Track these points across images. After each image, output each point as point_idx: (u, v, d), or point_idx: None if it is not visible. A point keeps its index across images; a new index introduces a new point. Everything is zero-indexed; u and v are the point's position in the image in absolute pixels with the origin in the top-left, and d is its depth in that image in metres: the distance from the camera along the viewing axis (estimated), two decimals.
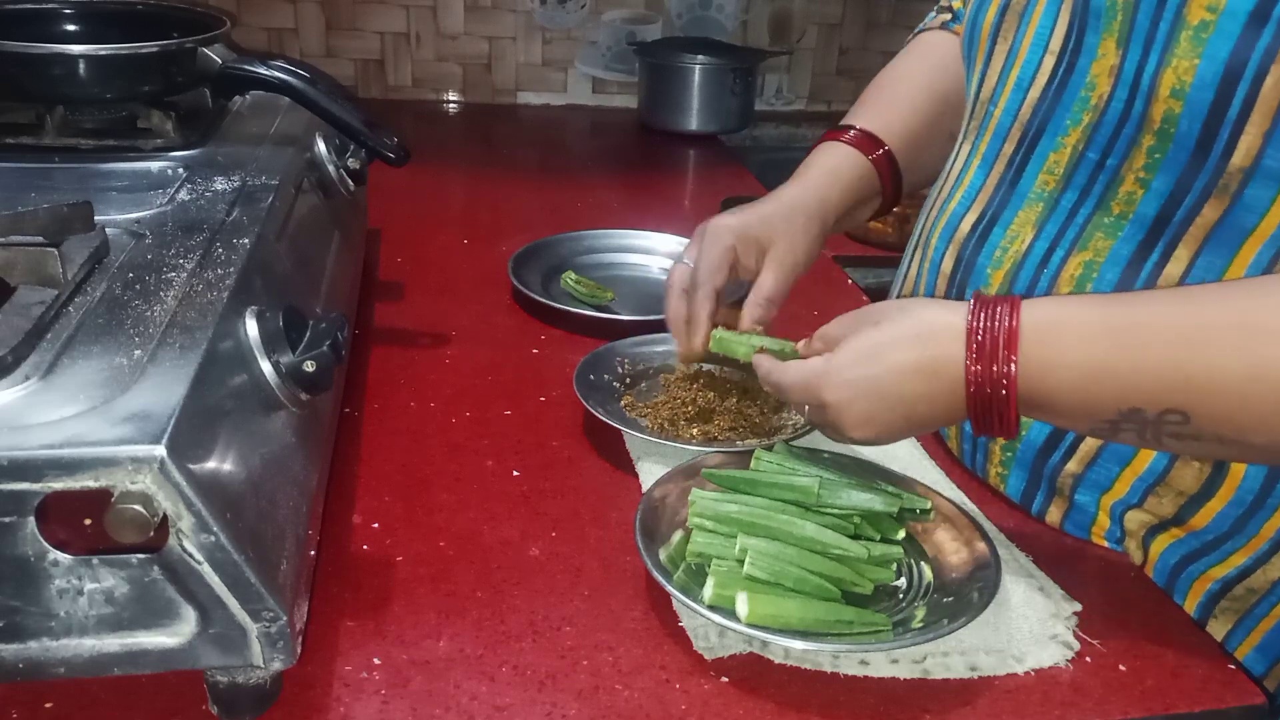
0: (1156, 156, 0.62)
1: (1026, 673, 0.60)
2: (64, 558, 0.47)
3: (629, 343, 0.91)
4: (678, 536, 0.66)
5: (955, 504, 0.70)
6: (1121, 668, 0.61)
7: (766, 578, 0.61)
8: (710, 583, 0.61)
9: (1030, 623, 0.63)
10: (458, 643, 0.60)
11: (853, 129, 0.88)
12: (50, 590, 0.47)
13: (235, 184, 0.76)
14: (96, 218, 0.63)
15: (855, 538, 0.65)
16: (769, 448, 0.72)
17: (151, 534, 0.45)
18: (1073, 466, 0.70)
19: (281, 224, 0.74)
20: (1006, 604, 0.64)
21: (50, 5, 0.96)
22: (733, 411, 0.82)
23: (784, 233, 0.82)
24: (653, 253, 1.17)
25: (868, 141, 0.88)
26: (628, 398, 0.85)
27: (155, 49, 0.85)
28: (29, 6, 0.95)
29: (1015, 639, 0.62)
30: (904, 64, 0.94)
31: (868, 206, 0.91)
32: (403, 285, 1.08)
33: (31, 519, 0.45)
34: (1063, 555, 0.71)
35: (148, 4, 1.00)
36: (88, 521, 0.47)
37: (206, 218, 0.69)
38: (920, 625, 0.60)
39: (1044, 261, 0.69)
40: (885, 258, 1.32)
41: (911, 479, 0.72)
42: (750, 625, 0.58)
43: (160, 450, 0.45)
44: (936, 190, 0.83)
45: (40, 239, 0.59)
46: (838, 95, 1.92)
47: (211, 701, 0.53)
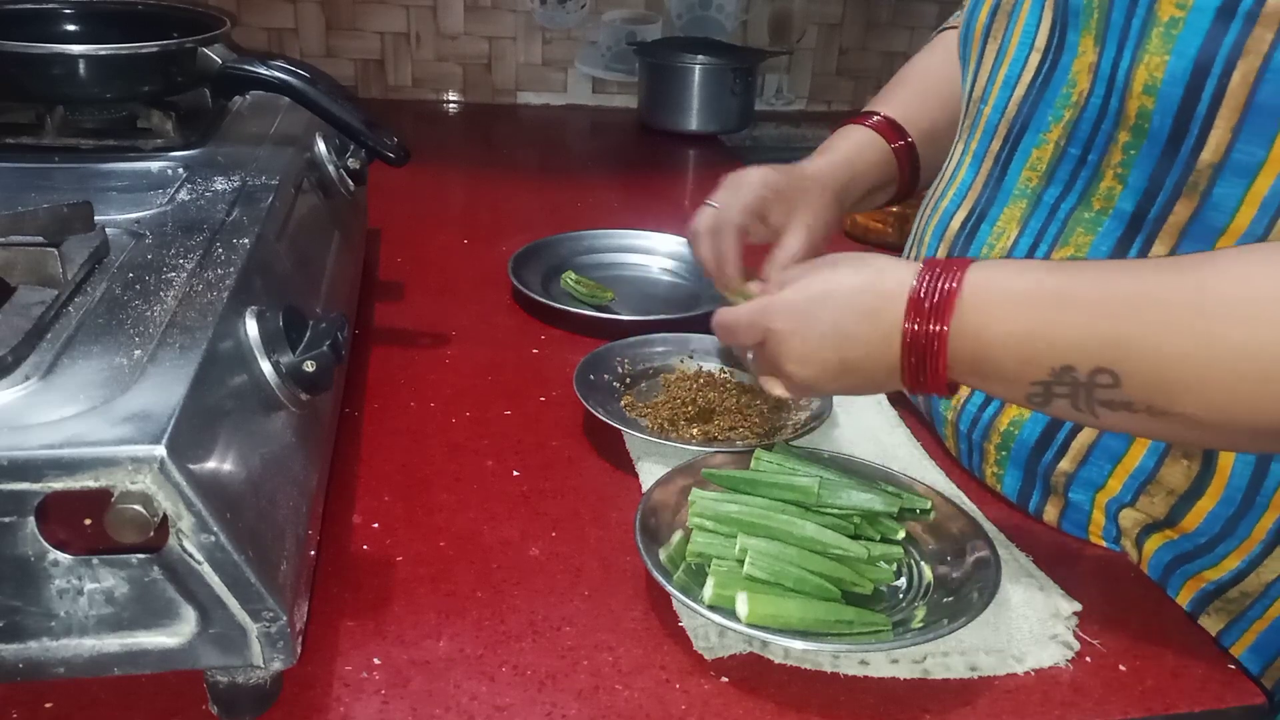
0: (1132, 153, 0.63)
1: (1026, 673, 0.60)
2: (64, 558, 0.47)
3: (629, 343, 0.91)
4: (678, 536, 0.66)
5: (955, 504, 0.70)
6: (1121, 668, 0.61)
7: (766, 578, 0.61)
8: (710, 583, 0.61)
9: (1030, 623, 0.63)
10: (458, 643, 0.60)
11: (876, 115, 0.90)
12: (50, 590, 0.47)
13: (235, 184, 0.76)
14: (96, 218, 0.63)
15: (855, 538, 0.65)
16: (769, 448, 0.72)
17: (151, 534, 0.45)
18: (1065, 465, 0.70)
19: (281, 224, 0.74)
20: (1006, 604, 0.64)
21: (50, 5, 0.96)
22: (733, 411, 0.82)
23: (815, 197, 0.83)
24: (653, 253, 1.17)
25: (890, 129, 0.89)
26: (628, 398, 0.85)
27: (155, 49, 0.85)
28: (29, 6, 0.95)
29: (1015, 639, 0.62)
30: (927, 59, 0.95)
31: (882, 193, 0.92)
32: (403, 285, 1.08)
33: (31, 519, 0.45)
34: (1062, 555, 0.71)
35: (148, 4, 1.00)
36: (88, 521, 0.47)
37: (206, 218, 0.69)
38: (920, 625, 0.60)
39: (1028, 257, 0.69)
40: None
41: (911, 479, 0.72)
42: (750, 625, 0.58)
43: (160, 450, 0.45)
44: (932, 189, 0.84)
45: (40, 239, 0.59)
46: (838, 95, 1.92)
47: (211, 701, 0.53)
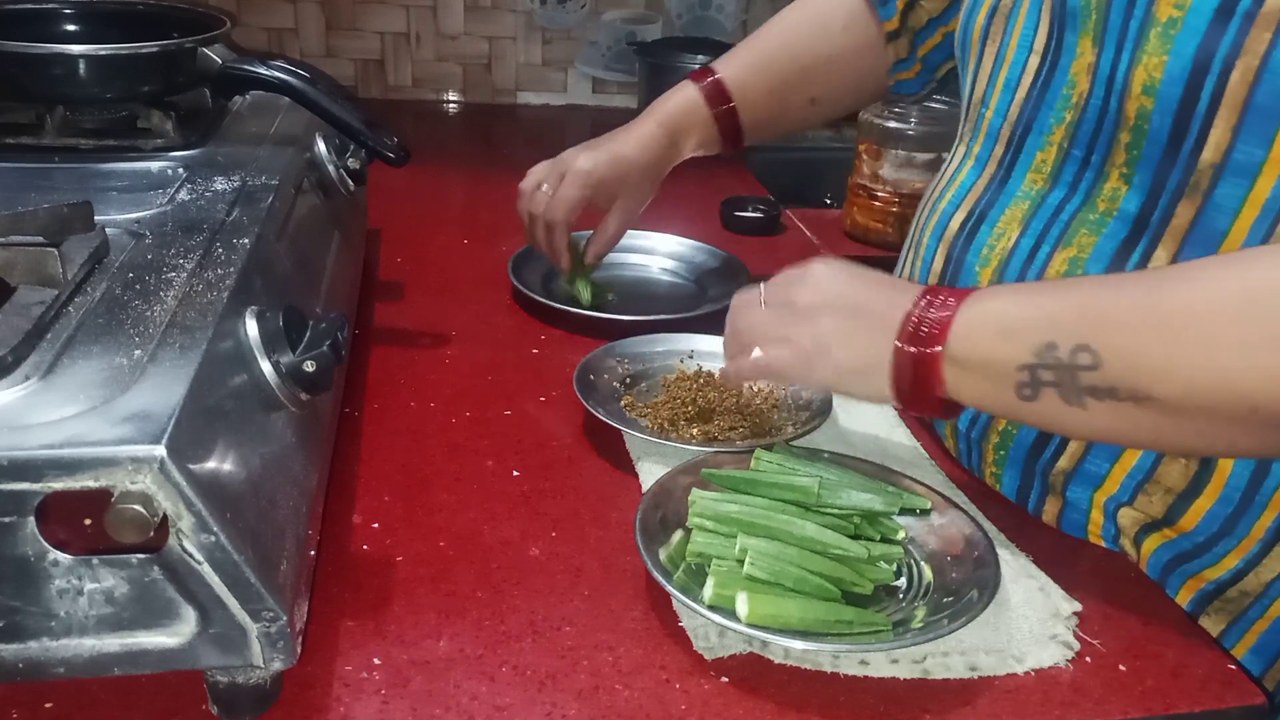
0: (1134, 153, 0.63)
1: (1026, 673, 0.60)
2: (64, 558, 0.47)
3: (629, 343, 0.91)
4: (678, 536, 0.66)
5: (955, 504, 0.70)
6: (1121, 668, 0.61)
7: (766, 578, 0.61)
8: (710, 583, 0.61)
9: (1030, 623, 0.63)
10: (458, 643, 0.60)
11: (712, 76, 0.98)
12: (50, 590, 0.47)
13: (235, 184, 0.76)
14: (96, 218, 0.63)
15: (855, 538, 0.65)
16: (769, 448, 0.72)
17: (151, 534, 0.45)
18: (1063, 463, 0.70)
19: (281, 224, 0.74)
20: (1006, 604, 0.64)
21: (50, 5, 0.96)
22: (733, 411, 0.82)
23: (634, 186, 0.98)
24: (653, 253, 1.17)
25: (718, 95, 0.97)
26: (628, 398, 0.85)
27: (155, 49, 0.85)
28: (29, 6, 0.95)
29: (1015, 639, 0.62)
30: (784, 20, 1.00)
31: (706, 151, 1.02)
32: (403, 285, 1.08)
33: (31, 519, 0.45)
34: (1062, 555, 0.71)
35: (148, 4, 1.00)
36: (88, 521, 0.47)
37: (206, 218, 0.69)
38: (920, 625, 0.60)
39: (1030, 258, 0.69)
40: (885, 258, 1.32)
41: (911, 479, 0.72)
42: (750, 625, 0.58)
43: (160, 450, 0.45)
44: (930, 190, 0.84)
45: (40, 239, 0.59)
46: None
47: (211, 701, 0.53)
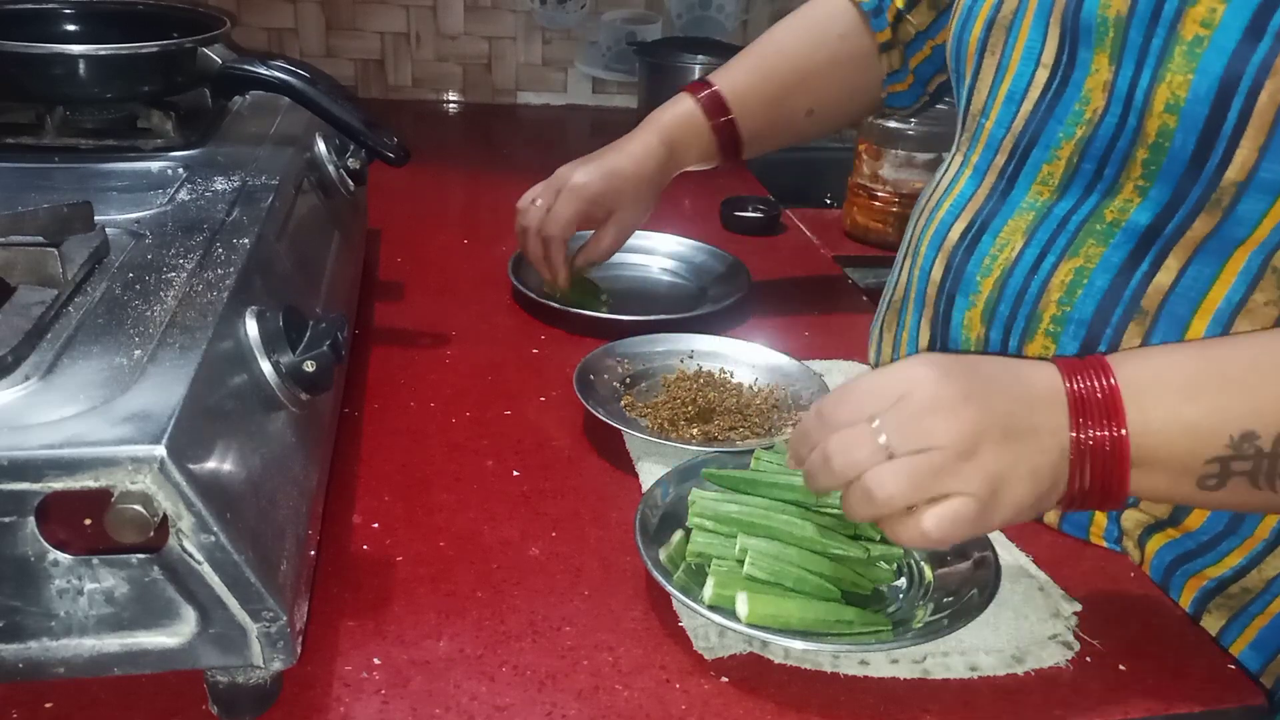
0: (1152, 169, 0.62)
1: (1026, 673, 0.60)
2: (64, 558, 0.47)
3: (629, 343, 0.91)
4: (678, 536, 0.66)
5: None
6: (1121, 668, 0.61)
7: (766, 578, 0.61)
8: (710, 583, 0.61)
9: (1030, 623, 0.63)
10: (458, 643, 0.60)
11: (710, 88, 0.97)
12: (50, 590, 0.47)
13: (235, 184, 0.76)
14: (96, 218, 0.63)
15: (855, 538, 0.65)
16: (769, 447, 0.72)
17: (151, 534, 0.45)
18: None
19: (281, 224, 0.74)
20: (1006, 604, 0.64)
21: (50, 5, 0.96)
22: (733, 411, 0.82)
23: (630, 200, 0.97)
24: (653, 253, 1.17)
25: (716, 107, 0.97)
26: (628, 398, 0.85)
27: (155, 49, 0.85)
28: (29, 6, 0.95)
29: (1015, 639, 0.62)
30: (782, 31, 1.00)
31: (705, 164, 1.01)
32: (403, 285, 1.08)
33: (31, 519, 0.45)
34: (1062, 555, 0.71)
35: (148, 4, 1.00)
36: (88, 521, 0.47)
37: (206, 218, 0.69)
38: (920, 625, 0.60)
39: (1034, 268, 0.69)
40: (885, 258, 1.32)
41: None
42: (750, 625, 0.58)
43: (160, 450, 0.45)
44: (925, 199, 0.83)
45: (40, 239, 0.59)
46: None
47: (211, 701, 0.53)
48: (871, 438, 0.51)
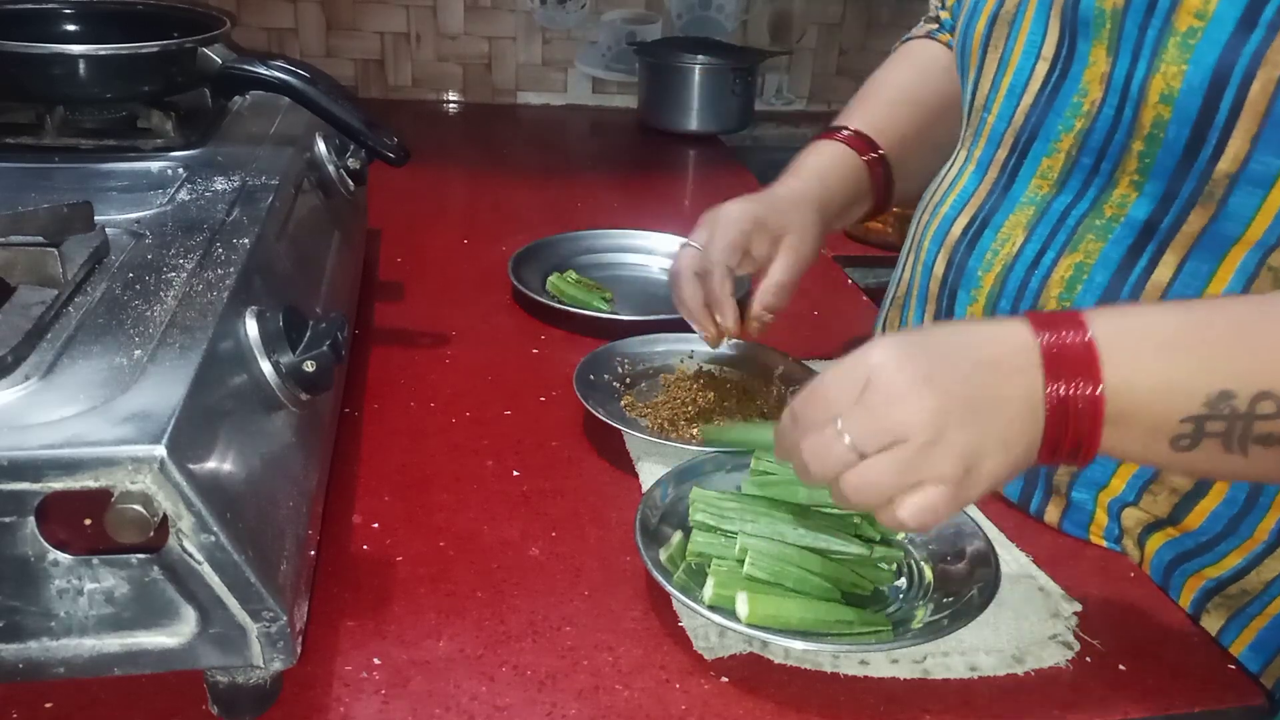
0: (1147, 161, 0.62)
1: (1026, 673, 0.60)
2: (64, 558, 0.47)
3: (629, 343, 0.91)
4: (678, 536, 0.66)
5: None
6: (1121, 668, 0.61)
7: (766, 578, 0.61)
8: (710, 583, 0.61)
9: (1030, 623, 0.63)
10: (458, 643, 0.60)
11: (846, 129, 0.88)
12: (50, 590, 0.47)
13: (235, 184, 0.76)
14: (96, 218, 0.63)
15: (855, 538, 0.65)
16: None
17: (151, 534, 0.45)
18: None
19: (281, 224, 0.74)
20: (1006, 604, 0.64)
21: (50, 5, 0.96)
22: (733, 411, 0.82)
23: (796, 222, 0.81)
24: (653, 253, 1.17)
25: (861, 142, 0.87)
26: (628, 398, 0.85)
27: (155, 49, 0.85)
28: (29, 6, 0.95)
29: (1015, 639, 0.62)
30: (892, 71, 0.94)
31: (858, 208, 0.89)
32: (403, 285, 1.08)
33: (31, 519, 0.45)
34: (1062, 555, 0.71)
35: (148, 4, 1.00)
36: (88, 521, 0.47)
37: (206, 218, 0.69)
38: (920, 625, 0.60)
39: (1034, 264, 0.69)
40: (885, 257, 1.32)
41: None
42: (750, 625, 0.58)
43: (160, 450, 0.45)
44: (929, 195, 0.83)
45: (40, 239, 0.59)
46: (838, 95, 1.92)
47: (211, 701, 0.53)
48: (839, 441, 0.50)
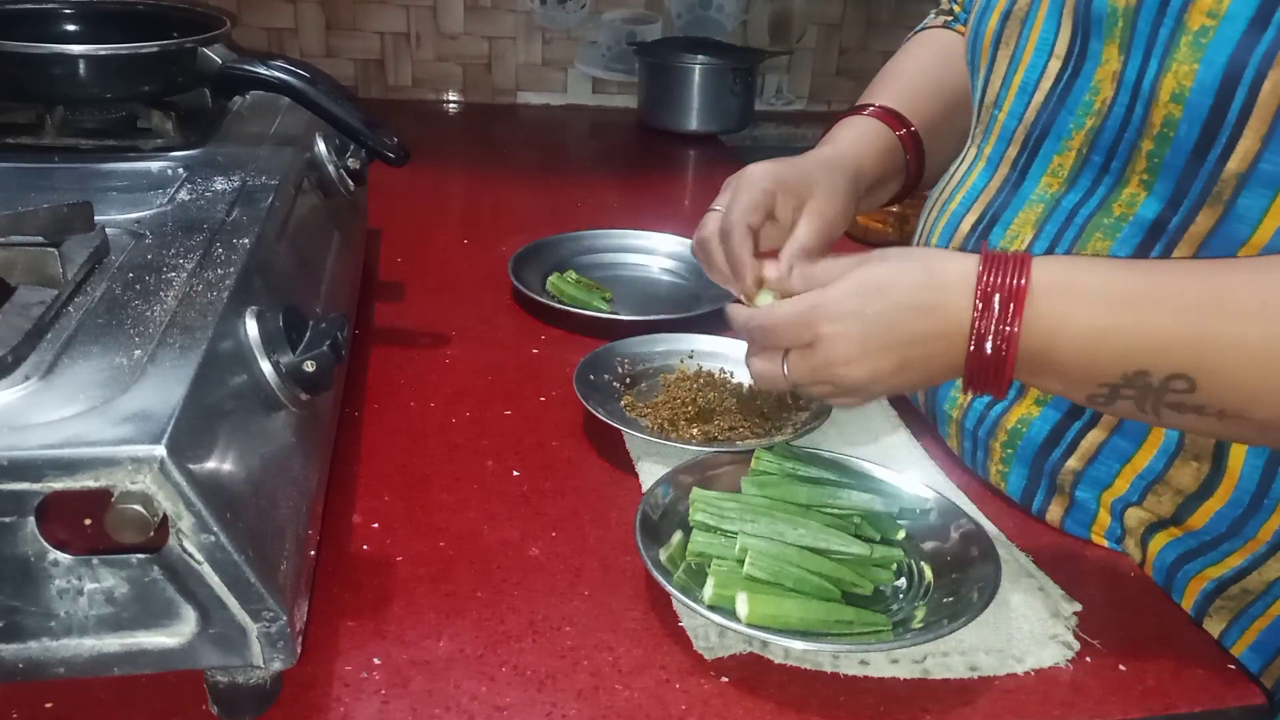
0: (1156, 160, 0.62)
1: (1026, 673, 0.60)
2: (64, 558, 0.47)
3: (629, 343, 0.91)
4: (678, 536, 0.66)
5: (955, 504, 0.70)
6: (1121, 668, 0.61)
7: (766, 578, 0.61)
8: (710, 583, 0.61)
9: (1030, 623, 0.63)
10: (458, 643, 0.60)
11: (872, 106, 0.86)
12: (50, 590, 0.47)
13: (235, 184, 0.76)
14: (96, 218, 0.63)
15: (855, 538, 0.65)
16: (769, 448, 0.72)
17: (151, 534, 0.45)
18: (1073, 463, 0.70)
19: (281, 224, 0.74)
20: (1006, 604, 0.64)
21: (50, 5, 0.96)
22: (733, 411, 0.82)
23: (823, 185, 0.77)
24: (653, 253, 1.17)
25: (892, 118, 0.85)
26: (628, 398, 0.85)
27: (155, 49, 0.85)
28: (29, 6, 0.95)
29: (1015, 639, 0.62)
30: (913, 56, 0.93)
31: (892, 183, 0.87)
32: (403, 285, 1.08)
33: (31, 519, 0.45)
34: (1063, 555, 0.71)
35: (148, 4, 1.00)
36: (88, 521, 0.47)
37: (206, 218, 0.69)
38: (920, 625, 0.60)
39: None
40: None
41: (912, 479, 0.72)
42: (750, 625, 0.58)
43: (160, 450, 0.45)
44: (938, 191, 0.83)
45: (40, 239, 0.59)
46: (838, 95, 1.92)
47: (211, 701, 0.53)
48: (779, 369, 0.63)
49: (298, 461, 0.59)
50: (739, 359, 0.90)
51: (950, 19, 0.94)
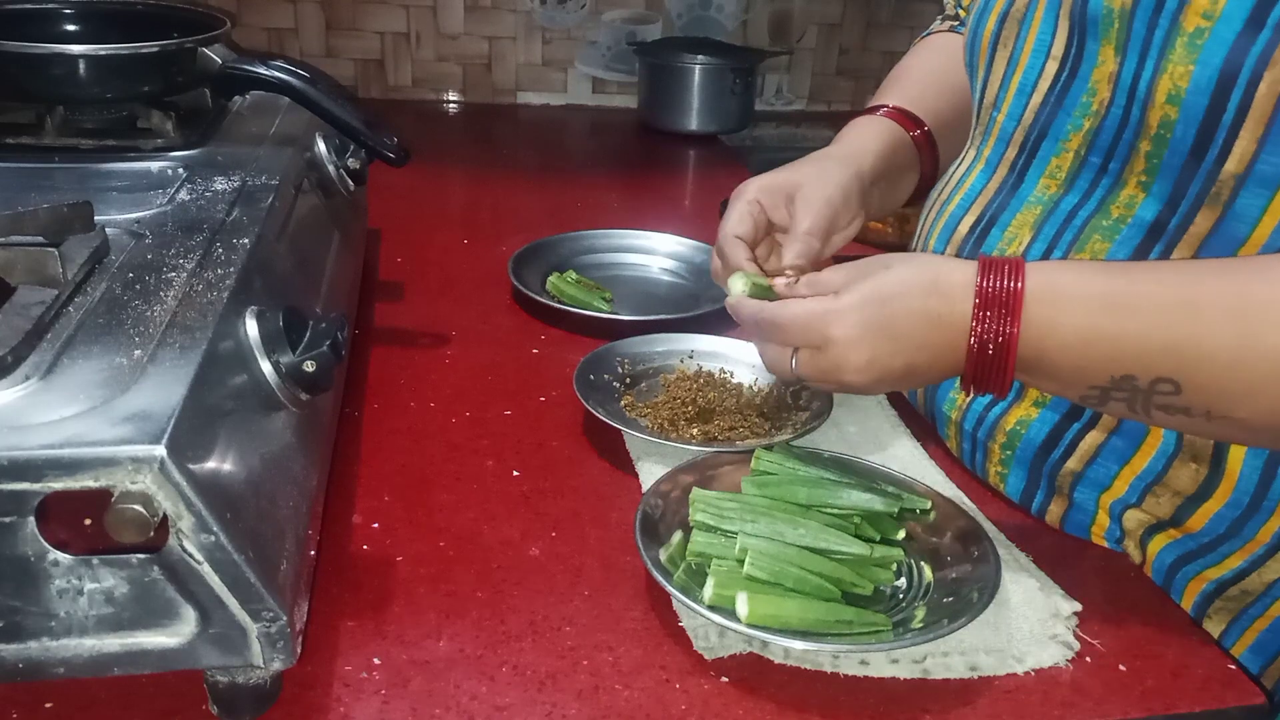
0: (1154, 162, 0.62)
1: (1026, 673, 0.60)
2: (64, 558, 0.47)
3: (629, 343, 0.91)
4: (678, 536, 0.66)
5: (955, 504, 0.70)
6: (1121, 668, 0.61)
7: (766, 578, 0.61)
8: (710, 583, 0.61)
9: (1030, 623, 0.63)
10: (458, 643, 0.60)
11: (885, 106, 0.87)
12: (50, 590, 0.47)
13: (235, 184, 0.76)
14: (96, 218, 0.63)
15: (855, 538, 0.65)
16: (769, 448, 0.72)
17: (151, 534, 0.45)
18: (1072, 464, 0.70)
19: (281, 224, 0.74)
20: (1006, 604, 0.64)
21: (50, 5, 0.96)
22: (733, 411, 0.82)
23: (811, 175, 0.79)
24: (653, 253, 1.17)
25: (904, 118, 0.86)
26: (628, 398, 0.85)
27: (155, 49, 0.85)
28: (29, 6, 0.95)
29: (1015, 639, 0.62)
30: (922, 59, 0.93)
31: (909, 176, 0.87)
32: (403, 285, 1.08)
33: (31, 519, 0.45)
34: (1062, 555, 0.71)
35: (148, 4, 1.00)
36: (88, 521, 0.47)
37: (206, 218, 0.69)
38: (920, 625, 0.60)
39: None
40: None
41: (911, 479, 0.72)
42: (750, 625, 0.58)
43: (160, 450, 0.45)
44: (936, 193, 0.83)
45: (40, 239, 0.59)
46: (838, 95, 1.92)
47: (211, 701, 0.53)
48: (789, 364, 0.64)
49: (298, 461, 0.59)
50: (739, 359, 0.90)
51: (956, 23, 0.94)
